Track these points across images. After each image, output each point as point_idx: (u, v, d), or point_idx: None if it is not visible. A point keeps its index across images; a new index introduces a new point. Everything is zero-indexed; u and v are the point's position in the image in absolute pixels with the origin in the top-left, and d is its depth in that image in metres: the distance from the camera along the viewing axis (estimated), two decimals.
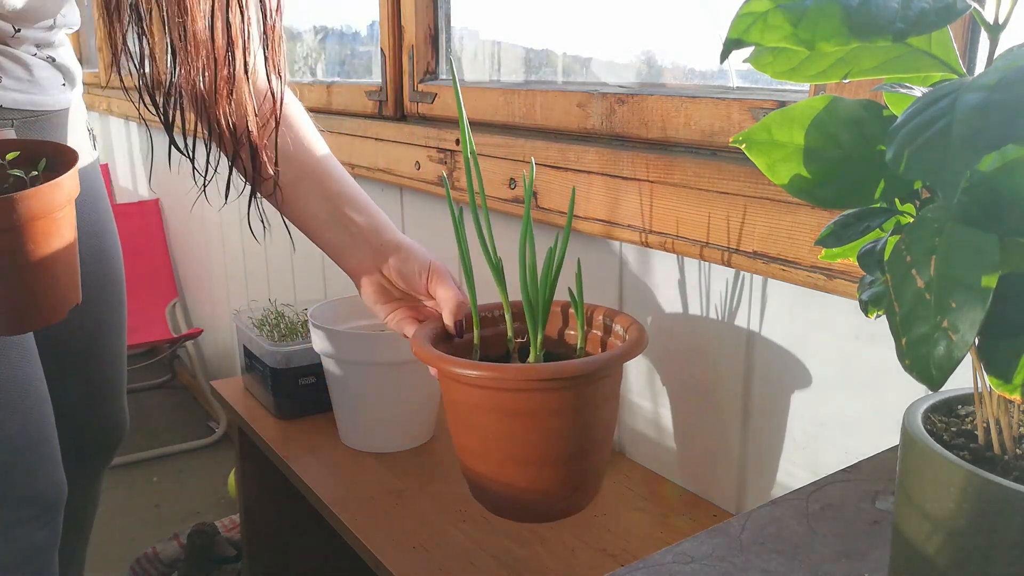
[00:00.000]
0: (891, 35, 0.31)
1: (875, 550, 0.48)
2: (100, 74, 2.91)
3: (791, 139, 0.40)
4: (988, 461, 0.37)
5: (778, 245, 0.74)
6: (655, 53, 1.02)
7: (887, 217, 0.40)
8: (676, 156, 0.84)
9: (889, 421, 0.74)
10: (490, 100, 1.14)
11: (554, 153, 0.97)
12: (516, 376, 0.69)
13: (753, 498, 0.88)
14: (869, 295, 0.42)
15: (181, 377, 2.73)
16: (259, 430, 1.11)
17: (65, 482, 0.89)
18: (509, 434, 0.70)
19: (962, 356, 0.30)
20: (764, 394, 0.84)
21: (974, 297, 0.29)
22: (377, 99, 1.38)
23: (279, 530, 1.28)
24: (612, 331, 0.81)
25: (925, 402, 0.40)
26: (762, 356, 0.84)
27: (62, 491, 0.88)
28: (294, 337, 1.19)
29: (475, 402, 0.71)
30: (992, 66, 0.31)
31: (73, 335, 1.01)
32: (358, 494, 0.92)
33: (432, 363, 0.72)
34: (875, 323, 0.73)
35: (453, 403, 0.74)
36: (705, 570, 0.46)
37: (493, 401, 0.70)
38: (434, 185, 1.20)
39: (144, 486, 2.05)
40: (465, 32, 1.31)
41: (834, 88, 0.68)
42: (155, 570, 1.53)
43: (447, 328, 0.79)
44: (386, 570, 0.78)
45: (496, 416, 0.70)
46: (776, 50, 0.37)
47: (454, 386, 0.72)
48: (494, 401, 0.70)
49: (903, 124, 0.31)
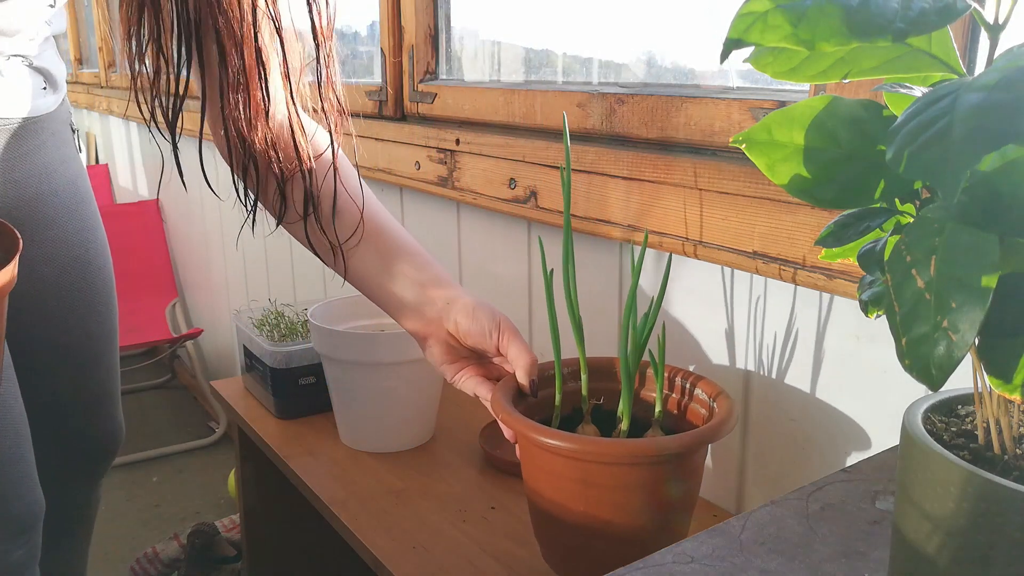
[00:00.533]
0: (891, 35, 0.31)
1: (875, 550, 0.48)
2: (100, 74, 2.91)
3: (791, 139, 0.40)
4: (988, 461, 0.37)
5: (778, 245, 0.74)
6: (655, 53, 1.02)
7: (887, 217, 0.40)
8: (676, 156, 0.84)
9: (889, 421, 0.74)
10: (490, 100, 1.14)
11: (554, 153, 0.97)
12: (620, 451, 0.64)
13: (753, 498, 0.88)
14: (869, 295, 0.42)
15: (181, 377, 2.73)
16: (259, 430, 1.11)
17: (42, 499, 0.88)
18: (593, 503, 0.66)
19: (962, 356, 0.30)
20: (764, 394, 0.84)
21: (974, 297, 0.29)
22: (377, 99, 1.38)
23: (279, 530, 1.28)
24: (694, 396, 0.76)
25: (925, 402, 0.40)
26: (761, 356, 0.84)
27: (39, 510, 0.86)
28: (294, 337, 1.19)
29: (560, 470, 0.67)
30: (992, 66, 0.31)
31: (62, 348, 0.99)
32: (358, 494, 0.92)
33: (522, 432, 0.67)
34: (875, 323, 0.73)
35: (537, 469, 0.70)
36: (705, 570, 0.46)
37: (581, 472, 0.66)
38: (434, 185, 1.20)
39: (144, 486, 2.05)
40: (465, 32, 1.31)
41: (834, 88, 0.68)
42: (155, 570, 1.53)
43: (522, 388, 0.74)
44: (386, 570, 0.78)
45: (580, 486, 0.66)
46: (776, 50, 0.37)
47: (538, 453, 0.68)
48: (582, 472, 0.66)
49: (903, 124, 0.31)
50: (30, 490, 0.85)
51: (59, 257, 0.96)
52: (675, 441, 0.64)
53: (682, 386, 0.77)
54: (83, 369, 1.03)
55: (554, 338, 0.76)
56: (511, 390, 0.74)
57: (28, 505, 0.85)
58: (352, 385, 1.02)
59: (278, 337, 1.19)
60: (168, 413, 2.50)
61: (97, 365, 1.04)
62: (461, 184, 1.14)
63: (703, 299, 0.88)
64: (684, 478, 0.67)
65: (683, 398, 0.77)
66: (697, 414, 0.75)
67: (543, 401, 0.77)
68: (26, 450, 0.85)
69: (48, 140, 0.94)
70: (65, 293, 0.97)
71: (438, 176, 1.18)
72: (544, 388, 0.77)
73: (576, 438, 0.65)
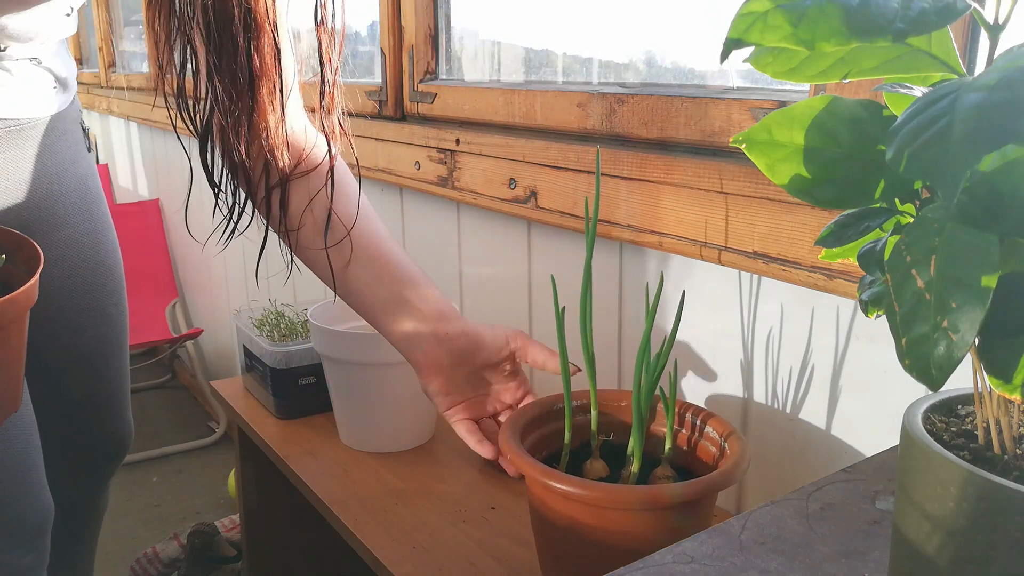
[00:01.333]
0: (891, 35, 0.31)
1: (875, 550, 0.48)
2: (100, 74, 2.91)
3: (791, 139, 0.40)
4: (988, 461, 0.37)
5: (778, 245, 0.74)
6: (655, 53, 1.02)
7: (887, 217, 0.40)
8: (676, 156, 0.84)
9: (889, 421, 0.74)
10: (490, 100, 1.14)
11: (554, 153, 0.97)
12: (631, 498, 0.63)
13: (753, 498, 0.88)
14: (869, 295, 0.42)
15: (181, 377, 2.73)
16: (259, 430, 1.11)
17: (52, 504, 0.88)
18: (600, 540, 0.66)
19: (962, 356, 0.30)
20: (763, 394, 0.84)
21: (974, 297, 0.29)
22: (377, 99, 1.38)
23: (279, 530, 1.28)
24: (704, 433, 0.76)
25: (925, 402, 0.40)
26: (761, 356, 0.84)
27: (49, 515, 0.86)
28: (294, 337, 1.19)
29: (569, 512, 0.66)
30: (992, 66, 0.31)
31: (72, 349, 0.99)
32: (358, 494, 0.92)
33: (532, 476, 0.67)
34: (875, 323, 0.73)
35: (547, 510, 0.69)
36: (705, 570, 0.46)
37: (591, 515, 0.65)
38: (434, 185, 1.20)
39: (144, 486, 2.05)
40: (465, 32, 1.31)
41: (834, 88, 0.68)
42: (155, 570, 1.53)
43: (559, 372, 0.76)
44: (386, 570, 0.78)
45: (589, 528, 0.66)
46: (776, 50, 0.37)
47: (547, 494, 0.68)
48: (592, 515, 0.65)
49: (903, 124, 0.31)
50: (40, 496, 0.85)
51: (70, 258, 0.95)
52: (688, 488, 0.64)
53: (692, 423, 0.77)
54: (93, 371, 1.02)
55: (564, 374, 0.75)
56: (519, 428, 0.74)
57: (38, 511, 0.85)
58: (352, 385, 1.02)
59: (278, 337, 1.19)
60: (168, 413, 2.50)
61: (107, 366, 1.04)
62: (461, 184, 1.14)
63: (703, 298, 0.88)
64: (694, 515, 0.67)
65: (693, 434, 0.77)
66: (708, 452, 0.75)
67: (551, 435, 0.78)
68: (36, 456, 0.84)
69: (58, 140, 0.93)
70: (75, 294, 0.97)
71: (438, 176, 1.18)
72: (553, 423, 0.78)
73: (586, 484, 0.64)
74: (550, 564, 0.72)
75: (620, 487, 0.64)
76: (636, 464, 0.73)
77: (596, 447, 0.76)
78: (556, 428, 0.78)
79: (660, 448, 0.76)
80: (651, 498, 0.64)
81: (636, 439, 0.72)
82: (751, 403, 0.86)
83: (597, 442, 0.76)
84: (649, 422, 0.79)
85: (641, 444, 0.72)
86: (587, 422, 0.78)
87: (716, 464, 0.72)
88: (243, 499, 1.25)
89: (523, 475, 0.70)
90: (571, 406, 0.76)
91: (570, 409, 0.76)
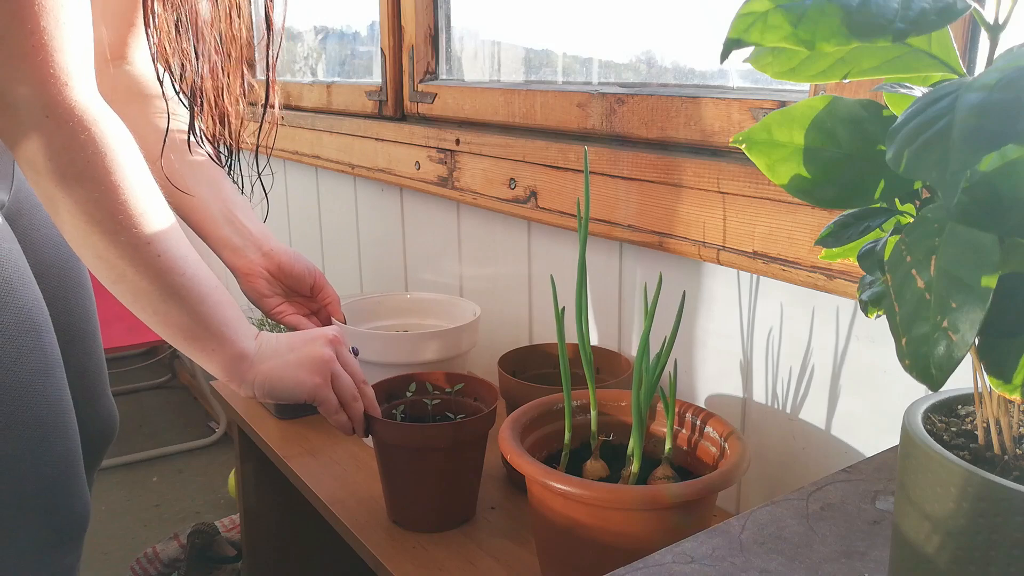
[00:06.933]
0: (891, 35, 0.31)
1: (875, 550, 0.48)
2: None
3: (791, 139, 0.40)
4: (988, 461, 0.37)
5: (778, 245, 0.74)
6: (655, 53, 1.02)
7: (887, 217, 0.40)
8: (676, 156, 0.84)
9: (889, 421, 0.74)
10: (490, 100, 1.14)
11: (554, 153, 0.97)
12: (630, 498, 0.63)
13: (753, 498, 0.88)
14: (869, 295, 0.42)
15: (181, 377, 2.73)
16: (259, 430, 1.11)
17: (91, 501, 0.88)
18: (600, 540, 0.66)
19: (962, 356, 0.30)
20: (763, 394, 0.84)
21: (974, 297, 0.29)
22: (377, 99, 1.38)
23: (279, 530, 1.28)
24: (704, 433, 0.76)
25: (925, 402, 0.40)
26: (761, 356, 0.84)
27: (89, 512, 0.87)
28: None
29: (569, 512, 0.67)
30: (992, 66, 0.31)
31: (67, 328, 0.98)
32: (358, 494, 0.92)
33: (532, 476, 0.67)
34: (875, 323, 0.73)
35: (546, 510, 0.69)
36: (705, 570, 0.46)
37: (591, 515, 0.65)
38: (434, 185, 1.20)
39: (144, 486, 2.05)
40: (465, 32, 1.31)
41: (834, 88, 0.68)
42: (155, 570, 1.53)
43: (338, 319, 0.96)
44: (386, 570, 0.78)
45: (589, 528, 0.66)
46: (776, 50, 0.37)
47: (547, 494, 0.68)
48: (592, 515, 0.65)
49: (903, 124, 0.31)
50: (85, 488, 0.85)
51: (53, 236, 0.96)
52: (688, 488, 0.64)
53: (692, 422, 0.77)
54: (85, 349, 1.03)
55: (564, 375, 0.76)
56: (519, 428, 0.74)
57: (84, 506, 0.84)
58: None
59: None
60: (168, 413, 2.50)
61: (95, 343, 1.04)
62: (461, 184, 1.14)
63: (703, 298, 0.88)
64: (694, 515, 0.67)
65: (693, 434, 0.77)
66: (708, 452, 0.75)
67: (551, 435, 0.78)
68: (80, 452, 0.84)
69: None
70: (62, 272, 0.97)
71: (438, 176, 1.18)
72: (553, 423, 0.79)
73: (585, 484, 0.65)
74: (550, 564, 0.72)
75: (620, 487, 0.64)
76: (636, 464, 0.73)
77: (596, 447, 0.76)
78: (556, 428, 0.78)
79: (660, 448, 0.76)
80: (651, 498, 0.64)
81: (636, 439, 0.72)
82: (751, 403, 0.86)
83: (597, 442, 0.76)
84: (649, 422, 0.79)
85: (641, 444, 0.73)
86: (587, 422, 0.78)
87: (716, 464, 0.72)
88: (243, 499, 1.25)
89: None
90: (571, 406, 0.76)
91: (570, 409, 0.76)
